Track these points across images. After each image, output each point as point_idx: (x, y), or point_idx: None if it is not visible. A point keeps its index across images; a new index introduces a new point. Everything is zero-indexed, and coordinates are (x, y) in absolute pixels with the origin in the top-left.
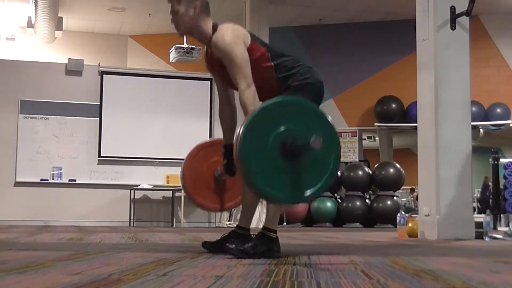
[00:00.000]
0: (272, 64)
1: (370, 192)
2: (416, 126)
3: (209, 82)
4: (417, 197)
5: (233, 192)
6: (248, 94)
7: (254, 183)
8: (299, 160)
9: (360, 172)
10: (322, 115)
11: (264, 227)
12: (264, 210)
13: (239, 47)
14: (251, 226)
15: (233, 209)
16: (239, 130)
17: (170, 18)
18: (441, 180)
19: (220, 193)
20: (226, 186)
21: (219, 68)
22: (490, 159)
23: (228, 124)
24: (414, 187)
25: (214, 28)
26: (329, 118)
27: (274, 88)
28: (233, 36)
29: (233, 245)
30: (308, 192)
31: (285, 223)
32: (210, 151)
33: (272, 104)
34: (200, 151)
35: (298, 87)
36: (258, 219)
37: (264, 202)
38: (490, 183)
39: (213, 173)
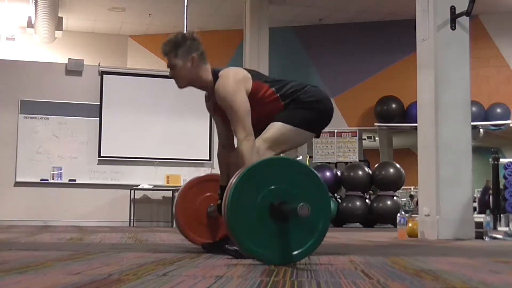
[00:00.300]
0: (278, 95)
1: (371, 192)
2: (416, 126)
3: None
4: (417, 202)
5: (224, 228)
6: (246, 145)
7: (240, 241)
8: (287, 221)
9: (360, 172)
10: (312, 174)
11: None
12: None
13: (240, 96)
14: None
15: None
16: (230, 185)
17: (170, 18)
18: (441, 180)
19: (213, 229)
20: (218, 222)
21: (222, 111)
22: (490, 159)
23: (225, 166)
24: (412, 190)
25: (214, 74)
26: (321, 179)
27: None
28: (234, 85)
29: (233, 246)
30: (296, 252)
31: None
32: (204, 186)
33: (263, 162)
34: (194, 186)
35: (304, 104)
36: None
37: None
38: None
39: (206, 208)
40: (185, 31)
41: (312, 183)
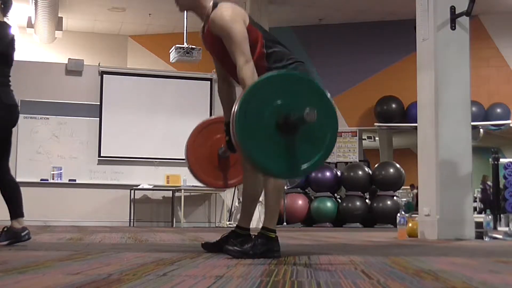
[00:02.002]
0: (265, 51)
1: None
2: (416, 126)
3: (209, 82)
4: (417, 194)
5: (236, 169)
6: (246, 70)
7: (252, 159)
8: (295, 134)
9: (360, 172)
10: (318, 89)
11: (263, 227)
12: (264, 210)
13: (238, 24)
14: (251, 226)
15: (233, 209)
16: (234, 108)
17: (170, 18)
18: (441, 180)
19: (224, 170)
20: (229, 163)
21: (214, 47)
22: (490, 159)
23: (227, 102)
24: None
25: (214, 4)
26: (327, 93)
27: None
28: (232, 14)
29: (233, 246)
30: (304, 166)
31: (285, 223)
32: (212, 128)
33: (265, 79)
34: (203, 129)
35: None
36: (258, 219)
37: (264, 202)
38: (489, 182)
39: (217, 150)
40: None
41: (319, 98)
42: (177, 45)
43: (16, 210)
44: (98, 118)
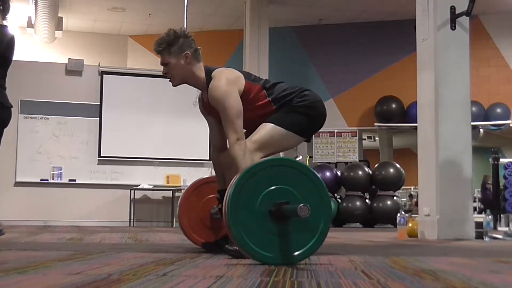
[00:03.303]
0: (270, 99)
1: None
2: (416, 126)
3: None
4: (416, 203)
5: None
6: (238, 149)
7: (241, 242)
8: (287, 222)
9: (360, 172)
10: (313, 176)
11: None
12: None
13: (233, 97)
14: None
15: None
16: (228, 191)
17: (170, 18)
18: (441, 180)
19: (216, 230)
20: (222, 223)
21: (215, 111)
22: (490, 159)
23: (221, 171)
24: (411, 190)
25: (207, 72)
26: (320, 178)
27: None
28: (227, 86)
29: (233, 246)
30: (297, 253)
31: None
32: (205, 188)
33: (263, 163)
34: (197, 188)
35: (297, 108)
36: None
37: None
38: (489, 182)
39: (209, 210)
40: (177, 29)
41: (312, 184)
42: None
43: None
44: (98, 118)
